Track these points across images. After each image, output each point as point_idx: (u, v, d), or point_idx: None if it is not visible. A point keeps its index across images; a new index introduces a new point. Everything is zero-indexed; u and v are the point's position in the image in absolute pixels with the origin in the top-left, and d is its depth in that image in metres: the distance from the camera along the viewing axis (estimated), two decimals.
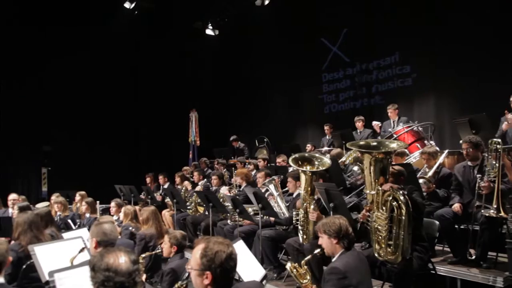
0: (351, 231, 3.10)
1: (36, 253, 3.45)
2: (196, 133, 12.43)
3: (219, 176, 7.32)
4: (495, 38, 7.37)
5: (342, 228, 3.06)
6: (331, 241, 3.08)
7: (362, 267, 3.04)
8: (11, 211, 6.65)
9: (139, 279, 1.86)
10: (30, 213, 4.35)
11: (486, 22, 7.54)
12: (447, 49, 8.17)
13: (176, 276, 3.70)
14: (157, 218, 5.38)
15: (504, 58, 7.17)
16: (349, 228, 3.10)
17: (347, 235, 3.07)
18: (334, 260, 3.06)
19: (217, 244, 2.11)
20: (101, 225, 2.93)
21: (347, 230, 3.07)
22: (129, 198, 8.33)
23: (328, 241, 3.09)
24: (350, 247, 3.08)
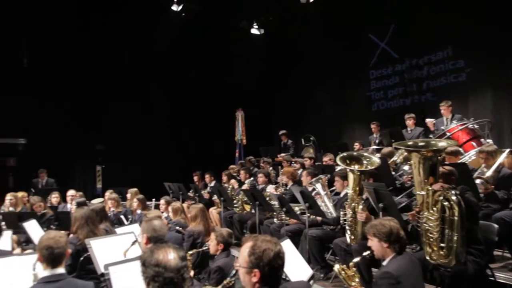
0: (402, 235, 2.93)
1: (92, 246, 3.62)
2: (243, 132, 12.54)
3: (265, 174, 7.33)
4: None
5: (393, 231, 2.88)
6: (381, 245, 2.91)
7: (415, 271, 2.89)
8: (69, 206, 7.05)
9: (187, 275, 1.90)
10: (86, 208, 4.58)
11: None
12: (505, 40, 7.67)
13: (223, 274, 3.75)
14: (205, 215, 5.47)
15: None
16: (401, 231, 2.93)
17: (399, 239, 2.89)
18: (385, 263, 2.92)
19: (265, 242, 2.11)
20: (150, 221, 3.03)
21: (399, 233, 2.90)
22: (177, 196, 8.55)
23: (378, 244, 2.93)
24: (401, 251, 2.91)
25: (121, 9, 11.48)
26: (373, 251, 3.02)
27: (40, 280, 2.59)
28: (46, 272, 2.59)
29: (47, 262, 2.57)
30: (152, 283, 1.85)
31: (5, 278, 3.08)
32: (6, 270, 3.11)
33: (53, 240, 2.58)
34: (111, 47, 11.41)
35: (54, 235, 2.63)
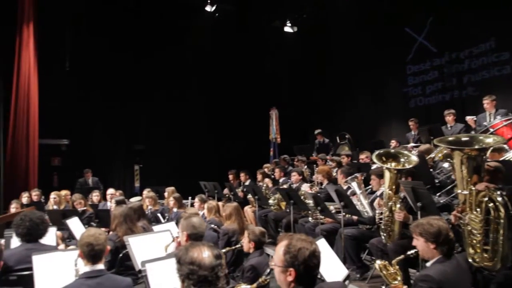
0: (452, 236, 2.72)
1: (130, 243, 3.72)
2: (277, 131, 12.52)
3: (299, 172, 7.28)
4: None
5: (441, 232, 2.67)
6: (428, 246, 2.71)
7: (461, 278, 2.70)
8: (109, 204, 7.28)
9: (222, 273, 1.92)
10: (125, 206, 4.71)
11: None
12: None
13: (256, 273, 3.75)
14: (240, 214, 5.49)
15: None
16: (450, 232, 2.73)
17: (448, 240, 2.67)
18: (429, 265, 2.75)
19: (300, 241, 2.10)
20: (190, 218, 3.08)
21: (448, 235, 2.69)
22: (212, 194, 8.64)
23: (425, 245, 2.73)
24: (450, 254, 2.69)
25: (157, 11, 11.76)
26: (417, 251, 2.85)
27: (81, 276, 2.68)
28: (87, 268, 2.68)
29: (88, 258, 2.66)
30: (187, 280, 1.87)
31: (50, 272, 3.22)
32: (51, 265, 3.25)
33: (93, 238, 2.66)
34: (148, 49, 11.72)
35: (94, 233, 2.72)
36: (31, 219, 3.59)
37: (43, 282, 3.16)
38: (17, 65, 9.92)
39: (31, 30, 10.02)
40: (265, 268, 3.89)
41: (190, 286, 1.87)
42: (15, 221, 3.65)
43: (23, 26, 9.95)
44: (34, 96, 10.09)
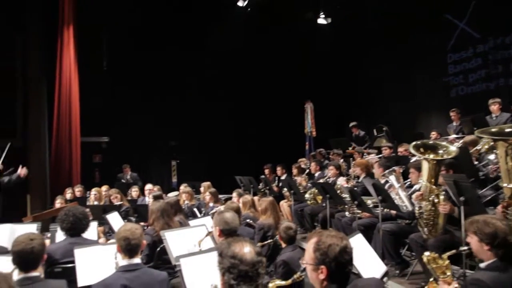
0: (511, 240, 2.47)
1: (166, 238, 3.78)
2: (312, 124, 12.37)
3: (336, 166, 7.16)
4: None
5: (498, 234, 2.45)
6: (482, 246, 2.51)
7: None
8: (147, 199, 7.45)
9: (262, 270, 1.91)
10: (162, 201, 4.80)
11: None
12: None
13: (288, 268, 3.72)
14: (275, 208, 5.48)
15: None
16: (509, 235, 2.48)
17: (504, 244, 2.44)
18: (482, 267, 2.54)
19: (330, 237, 2.05)
20: (223, 213, 3.09)
21: (505, 238, 2.45)
22: (248, 189, 8.67)
23: (478, 244, 2.53)
24: (507, 259, 2.45)
25: (189, 8, 11.89)
26: (470, 248, 2.65)
27: (119, 269, 2.75)
28: (124, 262, 2.75)
29: (125, 252, 2.73)
30: (227, 274, 1.88)
31: (91, 265, 3.33)
32: (92, 258, 3.37)
33: (130, 232, 2.72)
34: (182, 46, 11.89)
35: (130, 227, 2.78)
36: (74, 214, 3.73)
37: (84, 274, 3.27)
38: (59, 66, 10.30)
39: (71, 31, 10.36)
40: (298, 263, 3.86)
41: (230, 280, 1.86)
42: (60, 216, 3.80)
43: (64, 28, 10.31)
44: (75, 96, 10.46)
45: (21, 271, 2.59)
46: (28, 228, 4.31)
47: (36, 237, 2.68)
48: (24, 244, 2.57)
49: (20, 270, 2.60)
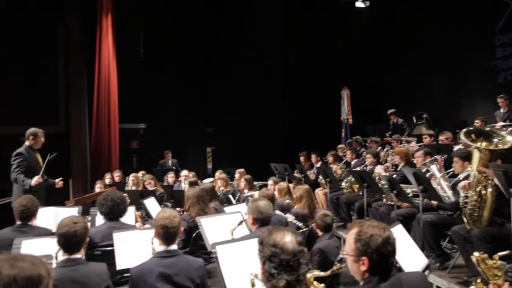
0: None
1: (202, 224, 3.80)
2: (349, 111, 12.10)
3: (373, 154, 6.97)
4: None
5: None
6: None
7: None
8: (183, 185, 7.56)
9: (303, 260, 1.86)
10: (198, 188, 4.84)
11: None
12: None
13: (324, 256, 3.67)
14: (310, 196, 5.40)
15: None
16: None
17: None
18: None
19: (372, 227, 1.98)
20: (256, 202, 3.05)
21: None
22: (283, 176, 8.62)
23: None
24: None
25: None
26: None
27: (156, 254, 2.78)
28: (161, 248, 2.77)
29: (162, 239, 2.75)
30: (268, 263, 1.85)
31: (129, 249, 3.39)
32: (130, 242, 3.43)
33: (168, 220, 2.73)
34: (218, 33, 11.90)
35: (169, 215, 2.78)
36: (112, 199, 3.81)
37: (122, 258, 3.34)
38: (98, 55, 10.55)
39: (109, 20, 10.57)
40: (335, 251, 3.79)
41: (271, 269, 1.83)
42: (99, 201, 3.90)
43: (102, 17, 10.52)
44: (114, 84, 10.70)
45: (65, 253, 2.67)
46: (70, 212, 4.47)
47: (79, 220, 2.74)
48: (68, 227, 2.64)
49: (64, 252, 2.68)
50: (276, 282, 1.84)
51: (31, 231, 3.71)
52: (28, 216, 3.77)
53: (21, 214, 3.75)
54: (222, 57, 12.11)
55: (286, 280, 1.83)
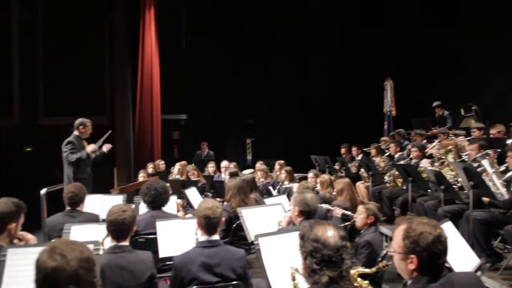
0: None
1: (243, 215, 3.82)
2: (392, 103, 11.71)
3: (419, 148, 6.71)
4: None
5: None
6: None
7: None
8: (223, 176, 7.62)
9: (346, 256, 1.81)
10: (238, 179, 4.86)
11: None
12: None
13: (372, 249, 3.58)
14: (352, 189, 5.30)
15: None
16: None
17: None
18: None
19: (421, 224, 1.89)
20: (303, 194, 3.01)
21: None
22: (323, 169, 8.50)
23: None
24: None
25: None
26: None
27: (198, 244, 2.81)
28: (204, 238, 2.79)
29: (204, 229, 2.78)
30: (309, 258, 1.81)
31: (171, 237, 3.46)
32: (172, 231, 3.50)
33: (211, 211, 2.75)
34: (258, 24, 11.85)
35: (212, 206, 2.80)
36: (155, 188, 3.90)
37: (165, 246, 3.41)
38: (142, 48, 10.80)
39: (152, 14, 10.78)
40: (380, 245, 3.69)
41: (313, 264, 1.80)
42: (142, 190, 4.00)
43: (146, 11, 10.76)
44: (156, 76, 10.93)
45: (113, 239, 2.74)
46: (116, 199, 4.62)
47: (128, 209, 2.81)
48: (117, 214, 2.71)
49: (112, 238, 2.76)
50: (318, 278, 1.80)
51: (79, 215, 3.93)
52: (76, 202, 3.98)
53: (70, 200, 3.97)
54: (264, 48, 12.05)
55: (329, 276, 1.78)
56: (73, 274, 1.50)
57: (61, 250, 1.54)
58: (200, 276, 2.61)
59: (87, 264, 1.54)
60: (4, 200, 2.70)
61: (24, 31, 10.58)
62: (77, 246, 1.59)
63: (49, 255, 1.53)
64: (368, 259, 3.40)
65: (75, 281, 1.49)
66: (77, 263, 1.51)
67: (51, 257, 1.51)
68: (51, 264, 1.50)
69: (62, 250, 1.54)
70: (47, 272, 1.50)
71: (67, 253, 1.53)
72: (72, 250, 1.54)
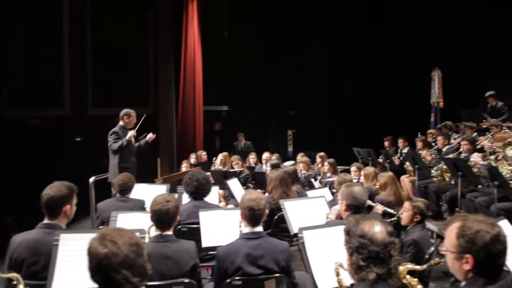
0: None
1: (285, 207, 3.79)
2: (439, 94, 11.22)
3: (470, 141, 6.41)
4: None
5: None
6: None
7: None
8: (264, 167, 7.61)
9: (395, 252, 1.74)
10: (280, 170, 4.83)
11: None
12: None
13: (418, 248, 3.46)
14: (396, 184, 5.13)
15: None
16: None
17: None
18: None
19: (478, 222, 1.77)
20: (351, 187, 2.94)
21: None
22: (366, 161, 8.30)
23: None
24: None
25: None
26: None
27: (242, 236, 2.81)
28: (247, 229, 2.79)
29: (248, 220, 2.76)
30: (356, 254, 1.75)
31: (214, 228, 3.49)
32: (215, 221, 3.53)
33: (255, 202, 2.74)
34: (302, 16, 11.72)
35: (256, 197, 2.79)
36: (198, 179, 3.95)
37: (208, 236, 3.44)
38: (184, 39, 10.93)
39: (195, 6, 10.89)
40: (427, 243, 3.55)
41: (359, 261, 1.74)
42: (185, 180, 4.07)
43: (188, 3, 10.87)
44: (199, 67, 11.06)
45: (157, 229, 2.79)
46: (160, 189, 4.72)
47: (171, 199, 2.85)
48: (161, 205, 2.75)
49: (156, 228, 2.81)
50: (365, 275, 1.73)
51: (129, 201, 4.16)
52: (125, 189, 4.21)
53: (120, 188, 4.19)
54: (307, 37, 11.89)
55: (376, 273, 1.72)
56: (125, 259, 1.54)
57: (111, 237, 1.59)
58: (243, 268, 2.61)
59: (137, 249, 1.59)
60: (57, 184, 2.84)
61: (74, 22, 10.94)
62: (125, 232, 1.64)
63: (100, 242, 1.58)
64: (414, 259, 3.28)
65: (127, 266, 1.54)
66: (127, 248, 1.56)
67: (102, 244, 1.57)
68: (103, 251, 1.55)
69: (112, 236, 1.59)
70: (100, 258, 1.55)
71: (117, 239, 1.58)
72: (121, 236, 1.59)
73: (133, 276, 1.54)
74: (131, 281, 1.53)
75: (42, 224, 2.78)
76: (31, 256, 2.64)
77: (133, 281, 1.54)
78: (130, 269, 1.53)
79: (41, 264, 2.62)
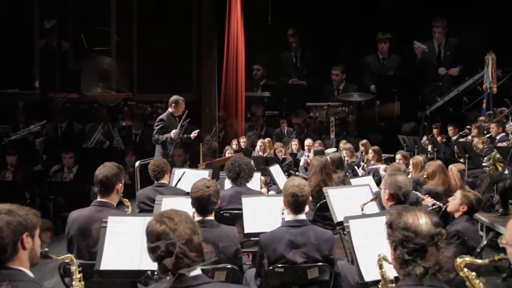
0: None
1: (329, 195, 3.73)
2: (493, 79, 10.57)
3: None
4: None
5: None
6: None
7: None
8: (306, 153, 7.57)
9: (442, 244, 1.65)
10: (325, 157, 4.75)
11: None
12: None
13: (462, 240, 3.30)
14: (445, 173, 4.94)
15: None
16: None
17: None
18: None
19: None
20: (395, 176, 2.83)
21: None
22: (412, 150, 8.02)
23: None
24: None
25: None
26: None
27: (285, 223, 2.78)
28: (290, 217, 2.75)
29: (291, 207, 2.72)
30: (400, 248, 1.67)
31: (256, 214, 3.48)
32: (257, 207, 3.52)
33: (298, 188, 2.69)
34: None
35: (299, 183, 2.74)
36: (239, 164, 3.97)
37: (250, 222, 3.44)
38: (228, 25, 10.89)
39: None
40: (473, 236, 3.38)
41: (404, 255, 1.66)
42: (227, 166, 4.10)
43: None
44: (242, 53, 10.99)
45: (199, 214, 2.82)
46: (202, 174, 4.78)
47: (212, 184, 2.85)
48: (202, 191, 2.76)
49: (197, 214, 2.83)
50: (411, 269, 1.65)
51: (166, 191, 4.16)
52: (159, 173, 4.25)
53: (153, 173, 4.27)
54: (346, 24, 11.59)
55: (424, 267, 1.63)
56: (182, 234, 1.60)
57: (168, 215, 1.66)
58: (286, 256, 2.59)
59: (193, 226, 1.66)
60: (109, 164, 3.07)
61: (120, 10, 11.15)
62: (181, 211, 1.70)
63: (158, 220, 1.65)
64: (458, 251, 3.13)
65: (186, 241, 1.59)
66: (184, 225, 1.62)
67: (160, 221, 1.63)
68: (162, 228, 1.61)
69: (169, 214, 1.66)
70: (159, 234, 1.61)
71: (174, 216, 1.64)
72: (178, 215, 1.66)
73: (190, 251, 1.59)
74: (189, 256, 1.58)
75: (96, 201, 3.02)
76: (82, 231, 2.90)
77: (190, 255, 1.59)
78: (187, 244, 1.59)
79: (92, 239, 2.85)
